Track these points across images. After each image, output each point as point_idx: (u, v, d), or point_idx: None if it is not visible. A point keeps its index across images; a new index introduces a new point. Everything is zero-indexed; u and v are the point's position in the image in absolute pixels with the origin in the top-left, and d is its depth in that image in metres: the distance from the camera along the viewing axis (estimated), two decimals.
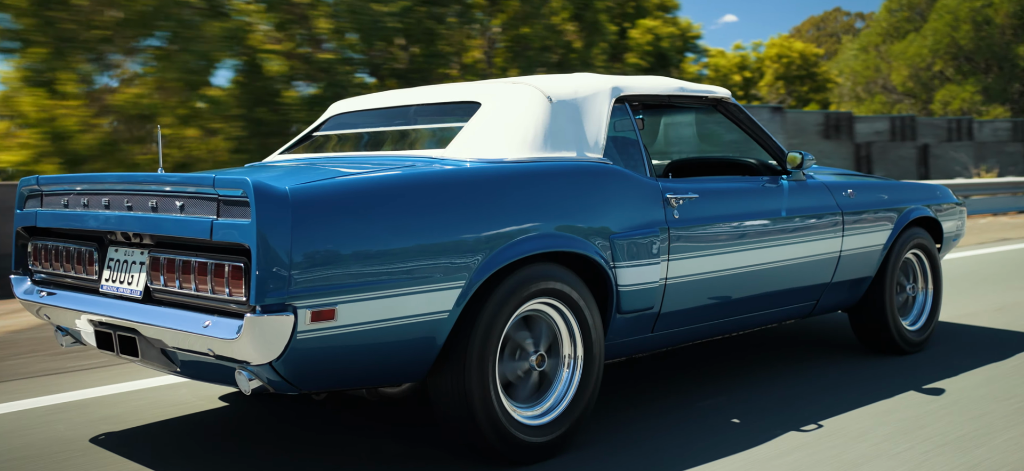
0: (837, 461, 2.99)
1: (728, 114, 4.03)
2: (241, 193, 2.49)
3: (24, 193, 3.40)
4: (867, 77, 41.29)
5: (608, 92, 3.48)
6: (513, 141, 3.18)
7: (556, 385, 3.12)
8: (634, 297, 3.29)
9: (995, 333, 5.07)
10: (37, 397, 3.96)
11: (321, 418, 3.57)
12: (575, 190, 3.16)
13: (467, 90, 3.59)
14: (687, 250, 3.45)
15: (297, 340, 2.49)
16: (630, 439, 3.25)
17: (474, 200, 2.88)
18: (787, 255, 3.87)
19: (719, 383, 4.02)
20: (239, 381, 2.61)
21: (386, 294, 2.63)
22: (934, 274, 4.77)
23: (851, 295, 4.38)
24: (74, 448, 3.25)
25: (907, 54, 38.49)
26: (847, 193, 4.24)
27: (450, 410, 2.88)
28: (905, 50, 38.89)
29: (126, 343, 2.89)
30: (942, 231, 4.83)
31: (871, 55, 42.25)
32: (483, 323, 2.83)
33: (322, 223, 2.55)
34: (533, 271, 2.96)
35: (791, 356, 4.56)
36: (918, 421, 3.41)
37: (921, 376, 4.08)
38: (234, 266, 2.53)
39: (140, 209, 2.83)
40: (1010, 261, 8.82)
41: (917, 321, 4.67)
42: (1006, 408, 3.56)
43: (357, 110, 4.02)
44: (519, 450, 2.94)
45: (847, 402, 3.67)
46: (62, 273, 3.24)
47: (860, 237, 4.24)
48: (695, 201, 3.51)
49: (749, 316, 3.86)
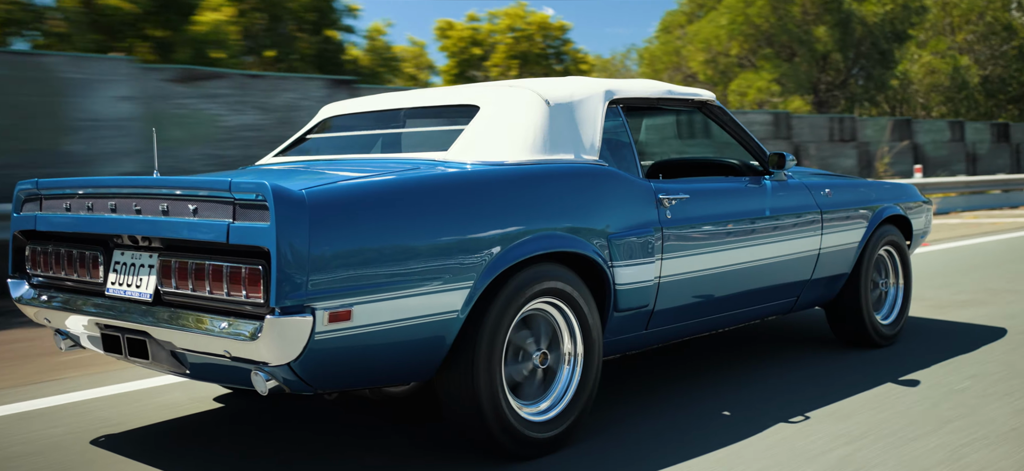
0: (826, 448, 3.11)
1: (712, 116, 4.15)
2: (259, 197, 2.53)
3: (21, 196, 3.38)
4: (668, 63, 33.10)
5: (602, 95, 3.56)
6: (514, 144, 3.25)
7: (558, 382, 3.20)
8: (630, 295, 3.38)
9: (960, 325, 5.26)
10: (30, 400, 3.93)
11: (318, 418, 3.61)
12: (575, 191, 3.24)
13: (464, 93, 3.65)
14: (679, 249, 3.55)
15: (315, 341, 2.53)
16: (627, 434, 3.34)
17: (482, 202, 2.95)
18: (771, 253, 4.00)
19: (707, 378, 4.13)
20: (255, 382, 2.64)
21: (399, 295, 2.69)
22: (904, 270, 4.94)
23: (828, 291, 4.52)
24: (74, 450, 3.25)
25: (701, 35, 31.27)
26: (825, 193, 4.38)
27: (458, 408, 2.94)
28: (700, 31, 31.71)
29: (135, 346, 2.91)
30: (912, 228, 5.00)
31: (673, 36, 34.58)
32: (490, 322, 2.90)
33: (338, 225, 2.59)
34: (537, 271, 3.03)
35: (772, 352, 4.69)
36: (896, 409, 3.55)
37: (896, 368, 4.24)
38: (251, 269, 2.56)
39: (150, 212, 2.85)
40: (961, 257, 9.11)
41: (889, 315, 4.84)
42: (975, 392, 3.71)
43: (350, 113, 4.05)
44: (524, 445, 3.01)
45: (830, 394, 3.81)
46: (63, 277, 3.24)
47: (838, 235, 4.39)
48: (686, 201, 3.62)
49: (736, 312, 3.98)
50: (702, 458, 3.05)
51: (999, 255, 9.14)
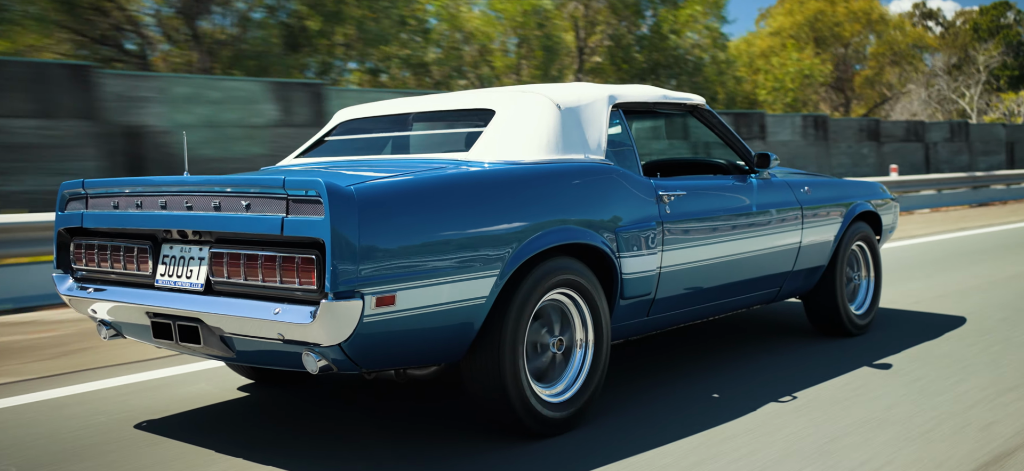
0: (810, 427, 3.42)
1: (702, 119, 4.46)
2: (313, 193, 2.77)
3: (66, 196, 3.58)
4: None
5: (606, 99, 3.85)
6: (531, 145, 3.52)
7: (571, 366, 3.48)
8: (635, 284, 3.67)
9: (924, 315, 5.64)
10: (57, 389, 4.13)
11: (339, 402, 3.85)
12: (586, 189, 3.53)
13: (478, 98, 3.92)
14: (678, 242, 3.85)
15: (363, 324, 2.78)
16: (628, 414, 3.63)
17: (506, 198, 3.22)
18: (758, 246, 4.32)
19: (699, 363, 4.44)
20: (307, 362, 2.89)
21: (436, 282, 2.95)
22: (875, 263, 5.30)
23: (807, 282, 4.86)
24: (121, 432, 3.46)
25: None
26: (805, 190, 4.71)
27: (484, 388, 3.21)
28: None
29: (187, 332, 3.13)
30: (882, 224, 5.36)
31: None
32: (514, 309, 3.17)
33: (383, 218, 2.85)
34: (555, 263, 3.31)
35: (755, 340, 5.02)
36: (872, 389, 3.89)
37: (869, 353, 4.58)
38: (304, 258, 2.81)
39: (202, 209, 3.08)
40: (923, 253, 9.57)
41: (862, 306, 5.19)
42: (941, 373, 4.06)
43: (365, 117, 4.30)
44: (543, 424, 3.29)
45: (813, 377, 4.13)
46: (108, 270, 3.45)
47: (816, 230, 4.73)
48: (684, 198, 3.92)
49: (727, 301, 4.30)
50: (696, 436, 3.35)
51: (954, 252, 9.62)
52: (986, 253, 9.34)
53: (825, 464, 2.99)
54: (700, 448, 3.19)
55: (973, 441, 3.19)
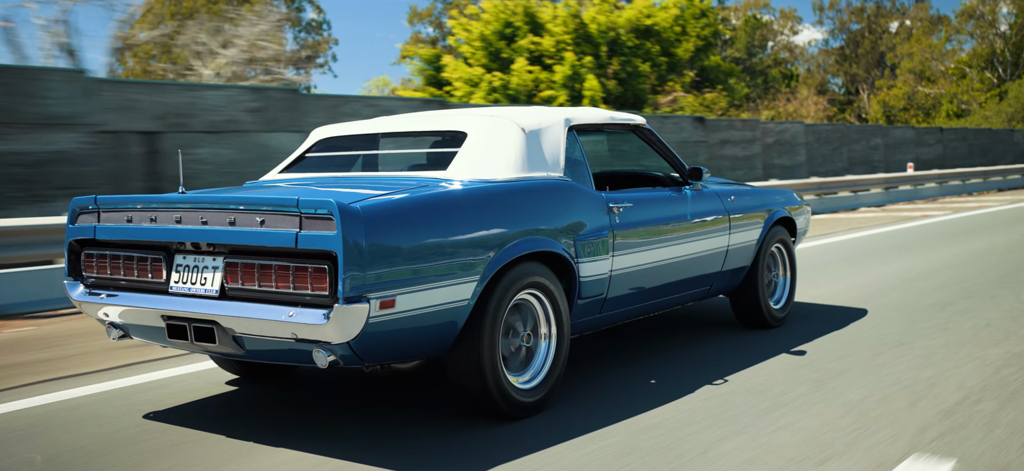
0: (743, 405, 3.99)
1: (643, 136, 5.01)
2: (324, 211, 3.20)
3: (76, 210, 3.91)
4: None
5: (562, 122, 4.36)
6: (502, 164, 4.00)
7: (537, 357, 3.97)
8: (590, 286, 4.19)
9: (835, 308, 6.32)
10: (66, 390, 4.44)
11: (329, 391, 4.28)
12: (550, 202, 4.03)
13: (448, 121, 4.38)
14: (626, 248, 4.38)
15: (369, 324, 3.22)
16: (583, 400, 4.15)
17: (486, 211, 3.70)
18: (693, 250, 4.90)
19: (641, 352, 4.99)
20: (317, 358, 3.31)
21: (428, 287, 3.40)
22: (791, 263, 5.94)
23: (732, 281, 5.46)
24: (131, 423, 3.82)
25: None
26: (731, 199, 5.31)
27: (465, 378, 3.68)
28: None
29: (202, 332, 3.51)
30: (796, 227, 6.01)
31: None
32: (491, 309, 3.65)
33: (384, 232, 3.29)
34: (525, 268, 3.80)
35: (689, 333, 5.61)
36: (789, 374, 4.50)
37: (787, 342, 5.21)
38: (317, 267, 3.23)
39: (217, 223, 3.46)
40: (833, 252, 10.38)
41: (780, 301, 5.83)
42: (849, 359, 4.70)
43: (341, 135, 4.71)
44: (516, 407, 3.77)
45: (741, 362, 4.73)
46: (119, 277, 3.79)
47: (741, 234, 5.33)
48: (630, 208, 4.46)
49: (666, 299, 4.86)
50: (644, 415, 3.89)
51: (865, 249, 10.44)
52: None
53: (753, 432, 3.56)
54: (642, 420, 3.72)
55: (887, 413, 3.81)
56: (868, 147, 27.36)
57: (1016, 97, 48.21)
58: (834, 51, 59.98)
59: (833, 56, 59.68)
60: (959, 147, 32.45)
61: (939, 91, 52.34)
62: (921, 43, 55.10)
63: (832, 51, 60.06)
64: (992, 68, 53.87)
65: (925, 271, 8.25)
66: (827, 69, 59.88)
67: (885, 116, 52.40)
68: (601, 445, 3.48)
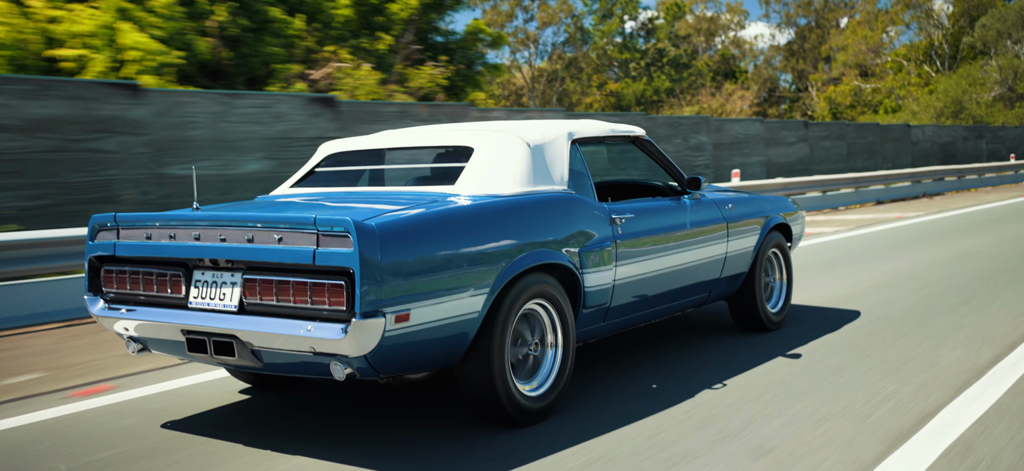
0: (737, 405, 4.13)
1: (642, 147, 5.14)
2: (340, 229, 3.32)
3: (96, 227, 4.02)
4: None
5: (566, 136, 4.49)
6: (509, 179, 4.13)
7: (544, 365, 4.10)
8: (594, 295, 4.32)
9: (830, 311, 6.47)
10: (73, 404, 4.56)
11: (339, 400, 4.40)
12: (556, 215, 4.16)
13: (455, 136, 4.51)
14: (629, 257, 4.51)
15: (385, 337, 3.35)
16: (587, 405, 4.29)
17: (496, 226, 3.82)
18: (694, 257, 5.03)
19: (642, 359, 5.13)
20: (334, 370, 3.43)
21: (441, 300, 3.53)
22: (787, 267, 6.08)
23: (731, 287, 5.60)
24: (150, 433, 3.94)
25: None
26: (729, 207, 5.45)
27: (476, 386, 3.81)
28: None
29: (222, 346, 3.63)
30: (792, 233, 6.16)
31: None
32: (500, 319, 3.78)
33: (399, 248, 3.41)
34: (532, 279, 3.93)
35: (689, 339, 5.75)
36: (786, 376, 4.63)
37: (783, 345, 5.35)
38: (334, 284, 3.35)
39: (235, 240, 3.58)
40: (821, 253, 10.53)
41: (776, 304, 5.97)
42: (841, 361, 4.84)
43: (349, 151, 4.83)
44: (525, 414, 3.90)
45: (738, 366, 4.87)
46: (139, 293, 3.91)
47: (739, 241, 5.47)
48: (632, 219, 4.59)
49: (667, 306, 4.99)
50: (646, 420, 4.02)
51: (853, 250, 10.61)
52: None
53: (751, 433, 3.69)
54: (648, 425, 3.86)
55: (879, 412, 3.94)
56: (687, 146, 19.04)
57: (946, 91, 45.44)
58: (783, 48, 59.27)
59: (781, 53, 59.06)
60: (834, 147, 24.49)
61: (877, 86, 51.32)
62: (857, 34, 53.55)
63: (781, 48, 59.46)
64: (930, 62, 52.27)
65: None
66: (776, 66, 58.94)
67: (832, 113, 50.65)
68: (607, 450, 3.61)
